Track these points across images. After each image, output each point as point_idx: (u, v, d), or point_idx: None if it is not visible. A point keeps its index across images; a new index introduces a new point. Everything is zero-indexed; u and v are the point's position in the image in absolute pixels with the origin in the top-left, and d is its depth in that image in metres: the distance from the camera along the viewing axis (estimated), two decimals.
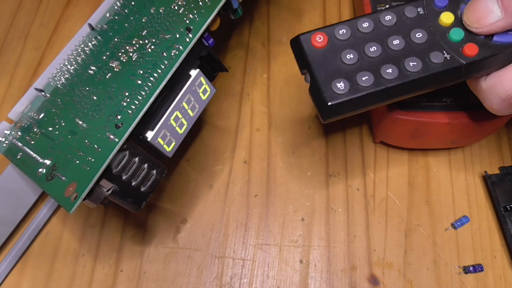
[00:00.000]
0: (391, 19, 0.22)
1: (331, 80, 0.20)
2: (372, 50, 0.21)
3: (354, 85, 0.20)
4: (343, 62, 0.21)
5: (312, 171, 0.29)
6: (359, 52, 0.21)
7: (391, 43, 0.21)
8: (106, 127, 0.22)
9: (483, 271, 0.26)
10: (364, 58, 0.21)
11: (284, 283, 0.26)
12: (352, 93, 0.20)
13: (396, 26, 0.22)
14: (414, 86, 0.21)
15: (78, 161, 0.22)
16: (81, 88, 0.25)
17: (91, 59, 0.26)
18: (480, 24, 0.20)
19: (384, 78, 0.20)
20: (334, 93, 0.20)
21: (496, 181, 0.28)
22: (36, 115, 0.26)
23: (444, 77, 0.21)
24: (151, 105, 0.22)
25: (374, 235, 0.27)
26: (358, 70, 0.21)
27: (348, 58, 0.21)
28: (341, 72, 0.21)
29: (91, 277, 0.27)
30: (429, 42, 0.21)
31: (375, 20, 0.22)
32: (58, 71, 0.27)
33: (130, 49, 0.25)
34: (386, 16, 0.22)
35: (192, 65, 0.24)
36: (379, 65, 0.21)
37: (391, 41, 0.21)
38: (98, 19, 0.29)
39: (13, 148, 0.25)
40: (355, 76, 0.20)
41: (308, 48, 0.21)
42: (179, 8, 0.26)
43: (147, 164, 0.23)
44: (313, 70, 0.21)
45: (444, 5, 0.22)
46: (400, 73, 0.20)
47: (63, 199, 0.21)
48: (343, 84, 0.20)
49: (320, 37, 0.21)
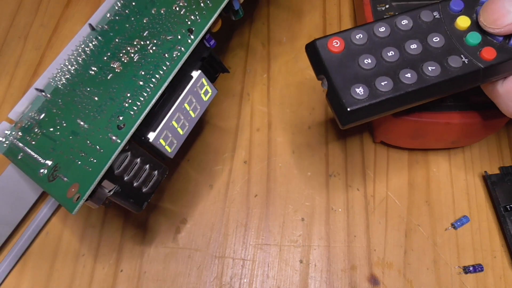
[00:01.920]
0: (408, 23, 0.22)
1: (349, 85, 0.20)
2: (390, 54, 0.21)
3: (373, 90, 0.20)
4: (360, 67, 0.21)
5: (312, 171, 0.29)
6: (376, 57, 0.21)
7: (408, 48, 0.21)
8: (108, 128, 0.22)
9: (483, 271, 0.26)
10: (382, 62, 0.21)
11: (284, 283, 0.26)
12: (371, 99, 0.20)
13: (412, 31, 0.21)
14: (433, 91, 0.21)
15: (80, 162, 0.22)
16: (82, 89, 0.25)
17: (92, 60, 0.26)
18: (497, 24, 0.20)
19: (403, 83, 0.20)
20: (353, 98, 0.20)
21: (496, 181, 0.28)
22: (36, 115, 0.26)
23: (463, 81, 0.21)
24: (153, 106, 0.22)
25: (374, 235, 0.27)
26: (377, 75, 0.20)
27: (366, 63, 0.21)
28: (359, 77, 0.20)
29: (91, 277, 0.27)
30: (446, 46, 0.21)
31: (391, 25, 0.22)
32: (59, 71, 0.27)
33: (131, 50, 0.25)
34: (403, 21, 0.22)
35: (193, 66, 0.24)
36: (398, 69, 0.21)
37: (409, 45, 0.21)
38: (99, 19, 0.29)
39: (14, 149, 0.25)
40: (374, 81, 0.20)
41: (325, 53, 0.21)
42: (181, 9, 0.26)
43: (149, 165, 0.23)
44: (330, 76, 0.20)
45: (459, 9, 0.22)
46: (419, 77, 0.20)
47: (66, 200, 0.21)
48: (362, 90, 0.20)
49: (337, 42, 0.21)
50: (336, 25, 0.35)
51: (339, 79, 0.20)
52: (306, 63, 0.33)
